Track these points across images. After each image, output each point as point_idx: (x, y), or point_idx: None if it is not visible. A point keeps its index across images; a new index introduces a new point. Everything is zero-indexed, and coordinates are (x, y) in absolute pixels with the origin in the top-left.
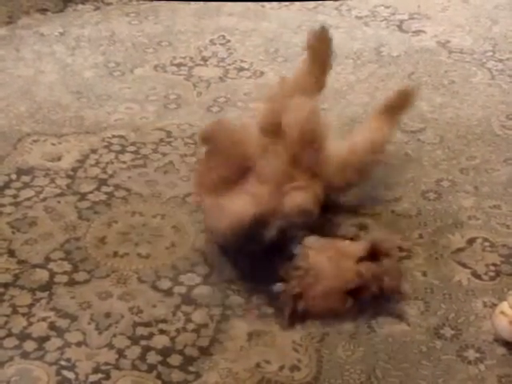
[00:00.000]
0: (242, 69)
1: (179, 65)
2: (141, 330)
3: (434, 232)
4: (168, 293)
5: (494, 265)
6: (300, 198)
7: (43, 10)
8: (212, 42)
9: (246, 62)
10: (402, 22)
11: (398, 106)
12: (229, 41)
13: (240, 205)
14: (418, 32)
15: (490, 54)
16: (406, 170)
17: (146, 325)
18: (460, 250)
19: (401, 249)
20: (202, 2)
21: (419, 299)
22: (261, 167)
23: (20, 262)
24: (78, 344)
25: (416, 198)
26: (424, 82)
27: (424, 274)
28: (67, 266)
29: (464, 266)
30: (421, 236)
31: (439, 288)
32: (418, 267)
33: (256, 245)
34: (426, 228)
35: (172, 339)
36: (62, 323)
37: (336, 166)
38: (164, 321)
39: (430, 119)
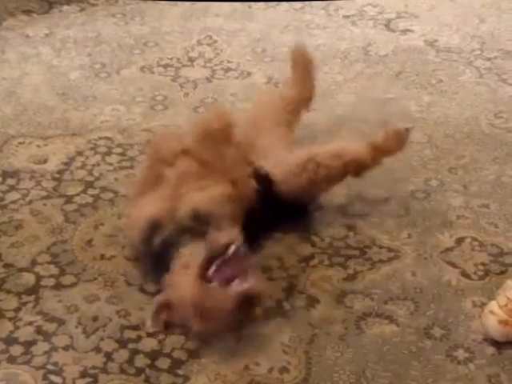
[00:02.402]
0: (229, 69)
1: (166, 66)
2: (129, 333)
3: (422, 232)
4: (156, 295)
5: (483, 264)
6: (195, 198)
7: (28, 12)
8: (199, 43)
9: (232, 62)
10: (389, 21)
11: (386, 147)
12: (216, 41)
13: (141, 208)
14: (405, 31)
15: (478, 52)
16: (395, 169)
17: (134, 328)
18: (449, 249)
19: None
20: (188, 3)
21: (408, 299)
22: (169, 172)
23: (6, 265)
24: (66, 348)
25: (404, 198)
26: (412, 81)
27: (413, 274)
28: (54, 270)
29: (453, 265)
30: (409, 236)
31: (428, 288)
32: (407, 267)
33: (149, 248)
34: (414, 228)
35: (160, 342)
36: (49, 327)
37: (287, 172)
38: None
39: (418, 119)
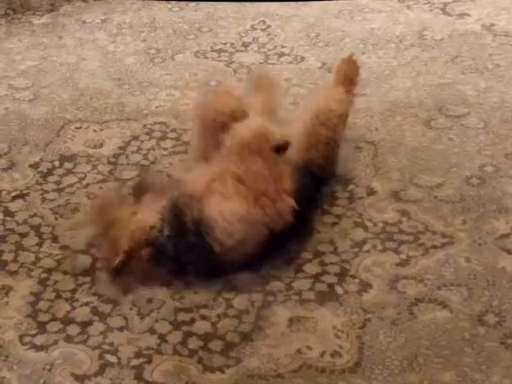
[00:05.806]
0: (282, 54)
1: (220, 51)
2: (182, 316)
3: (477, 218)
4: (209, 279)
5: None
6: (213, 208)
7: None
8: (253, 28)
9: (286, 47)
10: (445, 4)
11: (346, 76)
12: (269, 26)
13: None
14: (462, 15)
15: None
16: (450, 155)
17: (188, 310)
18: (504, 236)
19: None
20: None
21: (462, 285)
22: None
23: (63, 247)
24: (120, 329)
25: (459, 184)
26: (468, 65)
27: (467, 260)
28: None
29: (508, 252)
30: (464, 222)
31: (483, 274)
32: (461, 253)
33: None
34: (469, 214)
35: (213, 325)
36: (105, 308)
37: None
38: (205, 306)
39: (474, 104)
